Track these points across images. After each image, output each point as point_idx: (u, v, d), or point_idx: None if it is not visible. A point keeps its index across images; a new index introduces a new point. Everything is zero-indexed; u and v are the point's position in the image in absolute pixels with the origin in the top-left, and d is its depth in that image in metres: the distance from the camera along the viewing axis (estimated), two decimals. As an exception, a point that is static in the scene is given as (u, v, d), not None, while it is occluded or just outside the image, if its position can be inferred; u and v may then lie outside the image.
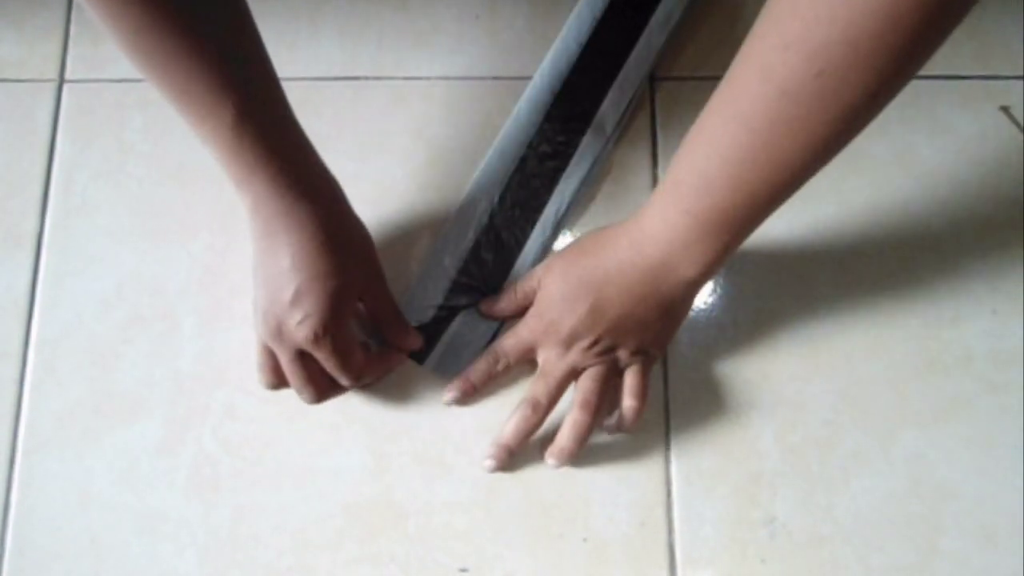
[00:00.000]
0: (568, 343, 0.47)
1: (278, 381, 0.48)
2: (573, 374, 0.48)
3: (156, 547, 0.49)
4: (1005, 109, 0.56)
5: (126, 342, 0.52)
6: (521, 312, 0.50)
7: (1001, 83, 0.56)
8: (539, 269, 0.50)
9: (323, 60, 0.57)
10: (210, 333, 0.52)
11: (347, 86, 0.52)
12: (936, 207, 0.54)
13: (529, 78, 0.56)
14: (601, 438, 0.50)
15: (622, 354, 0.48)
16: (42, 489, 0.50)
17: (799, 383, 0.51)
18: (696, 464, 0.50)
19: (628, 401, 0.48)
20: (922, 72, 0.57)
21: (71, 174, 0.55)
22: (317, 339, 0.45)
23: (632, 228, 0.45)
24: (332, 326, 0.45)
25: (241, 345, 0.52)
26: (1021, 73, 0.56)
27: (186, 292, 0.53)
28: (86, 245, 0.54)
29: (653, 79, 0.56)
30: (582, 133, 0.53)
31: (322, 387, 0.48)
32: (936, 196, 0.54)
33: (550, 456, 0.48)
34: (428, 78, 0.57)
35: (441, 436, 0.51)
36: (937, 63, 0.57)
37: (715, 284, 0.53)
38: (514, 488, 0.50)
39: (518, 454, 0.49)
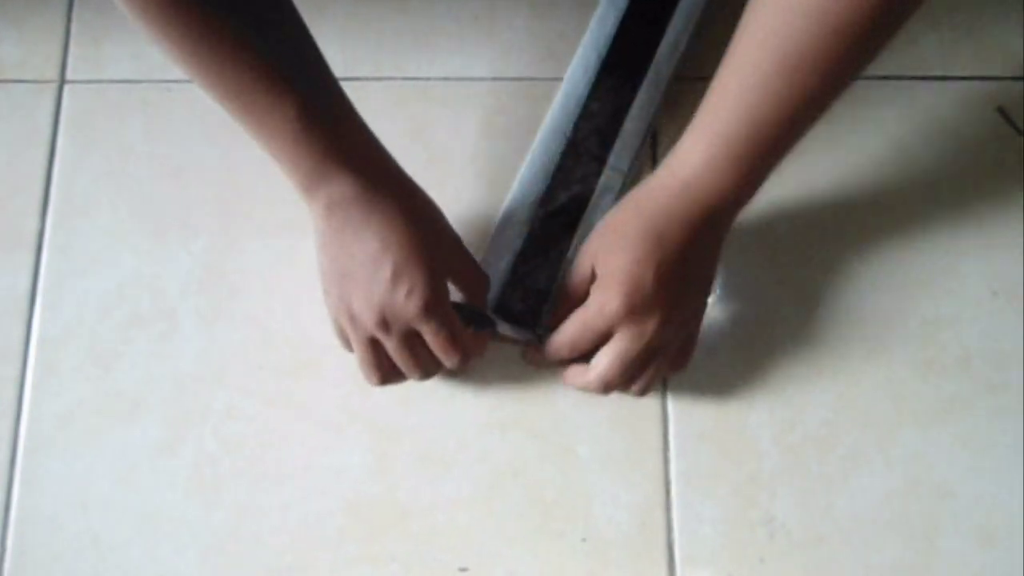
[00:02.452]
0: (645, 314, 0.45)
1: (388, 372, 0.47)
2: (652, 356, 0.46)
3: (157, 547, 0.49)
4: (1002, 110, 0.56)
5: (127, 342, 0.52)
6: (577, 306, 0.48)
7: (998, 84, 0.56)
8: (584, 256, 0.47)
9: (323, 61, 0.57)
10: (211, 333, 0.52)
11: (347, 87, 0.51)
12: (934, 207, 0.54)
13: (529, 79, 0.56)
14: (601, 442, 0.51)
15: (691, 325, 0.48)
16: (43, 489, 0.50)
17: (798, 383, 0.52)
18: (695, 464, 0.50)
19: (673, 366, 0.49)
20: (920, 73, 0.57)
21: (72, 175, 0.55)
22: (427, 309, 0.44)
23: (672, 168, 0.45)
24: (439, 295, 0.44)
25: (242, 345, 0.52)
26: (1018, 74, 0.57)
27: (187, 292, 0.53)
28: (87, 245, 0.54)
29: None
30: (598, 175, 0.53)
31: (430, 367, 0.47)
32: (934, 196, 0.55)
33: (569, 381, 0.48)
34: (428, 78, 0.57)
35: (442, 435, 0.51)
36: (935, 64, 0.57)
37: (714, 283, 0.53)
38: (514, 488, 0.50)
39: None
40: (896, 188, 0.55)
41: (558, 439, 0.51)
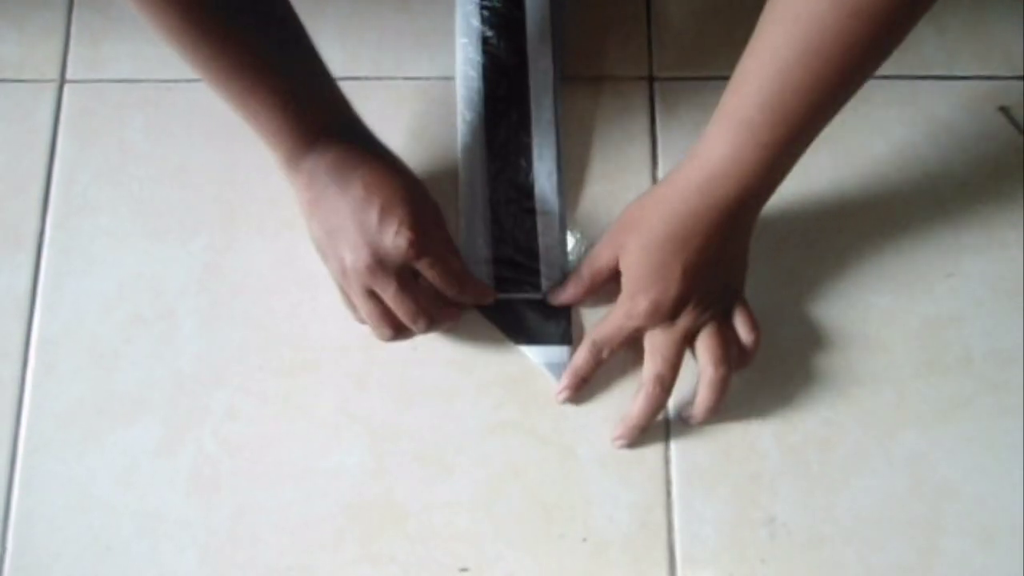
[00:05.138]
0: (673, 314, 0.47)
1: (393, 327, 0.47)
2: (687, 340, 0.48)
3: (156, 547, 0.49)
4: (1004, 109, 0.56)
5: (127, 342, 0.52)
6: (592, 294, 0.50)
7: (1000, 83, 0.56)
8: (605, 248, 0.48)
9: (323, 60, 0.57)
10: (210, 333, 0.52)
11: (347, 86, 0.52)
12: (935, 207, 0.54)
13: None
14: (601, 441, 0.50)
15: (726, 301, 0.48)
16: (43, 490, 0.50)
17: (799, 382, 0.51)
18: (696, 464, 0.50)
19: (749, 336, 0.49)
20: (922, 72, 0.57)
21: (72, 174, 0.55)
22: (419, 241, 0.44)
23: (697, 160, 0.44)
24: (428, 228, 0.45)
25: (242, 345, 0.52)
26: (1020, 73, 0.56)
27: (186, 292, 0.53)
28: (87, 245, 0.54)
29: (652, 79, 0.57)
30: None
31: (431, 312, 0.47)
32: (935, 196, 0.54)
33: (696, 418, 0.49)
34: (428, 78, 0.57)
35: (441, 436, 0.51)
36: (936, 63, 0.57)
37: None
38: (514, 488, 0.50)
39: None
40: (897, 187, 0.55)
41: (558, 439, 0.50)
